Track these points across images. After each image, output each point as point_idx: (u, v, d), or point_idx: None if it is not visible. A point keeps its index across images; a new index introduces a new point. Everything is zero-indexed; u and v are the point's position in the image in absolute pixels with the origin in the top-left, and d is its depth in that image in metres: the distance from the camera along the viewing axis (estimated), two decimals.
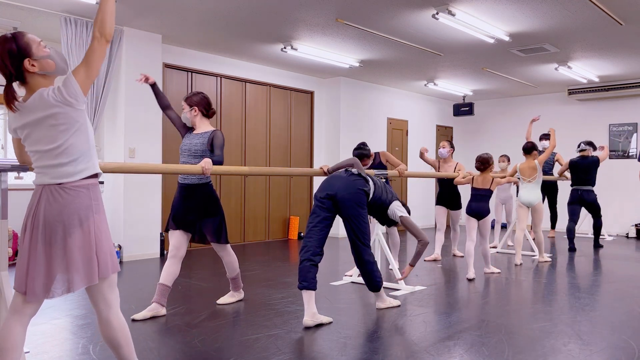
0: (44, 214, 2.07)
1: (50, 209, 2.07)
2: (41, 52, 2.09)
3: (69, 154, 2.10)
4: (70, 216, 2.08)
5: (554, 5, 5.23)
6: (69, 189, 2.10)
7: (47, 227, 2.07)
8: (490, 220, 5.48)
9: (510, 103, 11.04)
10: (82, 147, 2.13)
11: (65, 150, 2.09)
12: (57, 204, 2.07)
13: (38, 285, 2.06)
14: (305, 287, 3.56)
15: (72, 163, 2.11)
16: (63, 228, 2.07)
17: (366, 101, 9.40)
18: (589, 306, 4.12)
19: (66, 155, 2.10)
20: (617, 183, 9.63)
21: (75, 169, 2.12)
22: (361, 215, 3.68)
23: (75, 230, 2.09)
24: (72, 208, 2.09)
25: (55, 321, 3.61)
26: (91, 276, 2.12)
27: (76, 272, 2.09)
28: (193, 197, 3.77)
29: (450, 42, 6.61)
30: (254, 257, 6.56)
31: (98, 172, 2.21)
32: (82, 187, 2.13)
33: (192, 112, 3.81)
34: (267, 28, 6.07)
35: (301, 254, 3.65)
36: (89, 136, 2.16)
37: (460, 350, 3.03)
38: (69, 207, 2.08)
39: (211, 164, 3.44)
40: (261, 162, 8.13)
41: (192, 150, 3.77)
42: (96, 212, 2.15)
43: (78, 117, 2.10)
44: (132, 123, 6.19)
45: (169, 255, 3.78)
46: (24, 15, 5.51)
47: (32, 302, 2.11)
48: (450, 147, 6.38)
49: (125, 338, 2.23)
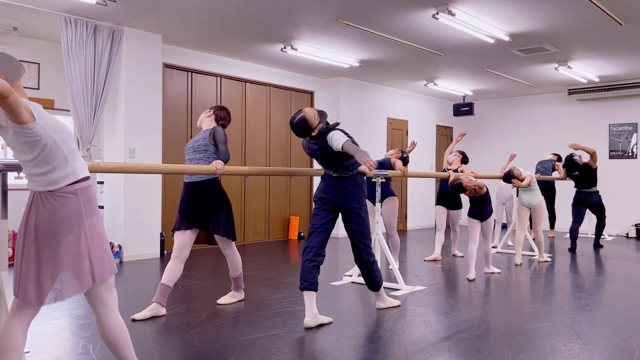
0: (36, 221, 2.07)
1: (41, 215, 2.06)
2: None
3: (46, 163, 2.07)
4: (59, 223, 2.06)
5: (554, 5, 5.23)
6: (57, 195, 2.08)
7: (38, 233, 2.06)
8: (492, 221, 5.48)
9: (510, 103, 11.03)
10: (58, 155, 2.08)
11: (41, 160, 2.06)
12: (47, 211, 2.06)
13: (31, 292, 2.06)
14: (307, 288, 3.56)
15: (53, 171, 2.08)
16: (53, 235, 2.06)
17: (366, 101, 9.40)
18: (589, 306, 4.12)
19: (44, 165, 2.07)
20: (617, 183, 9.63)
21: (57, 176, 2.09)
22: (361, 215, 3.68)
23: (65, 237, 2.07)
24: (62, 215, 2.07)
25: (55, 321, 3.61)
26: (82, 284, 2.09)
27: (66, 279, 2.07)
28: (203, 193, 3.80)
29: (450, 42, 6.61)
30: (254, 257, 6.56)
31: (86, 176, 2.18)
32: (71, 193, 2.11)
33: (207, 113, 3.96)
34: (267, 28, 6.07)
35: (303, 254, 3.65)
36: (60, 144, 2.10)
37: (460, 350, 3.03)
38: (58, 214, 2.07)
39: (223, 164, 3.52)
40: (261, 162, 8.13)
41: (195, 146, 3.84)
42: (88, 217, 2.12)
43: (34, 134, 2.02)
44: (132, 123, 6.19)
45: (173, 256, 3.77)
46: (24, 15, 5.51)
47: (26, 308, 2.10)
48: (458, 153, 6.53)
49: (124, 339, 2.22)
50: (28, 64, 6.28)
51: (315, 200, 3.74)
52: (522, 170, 6.12)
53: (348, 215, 3.67)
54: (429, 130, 10.96)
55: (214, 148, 3.80)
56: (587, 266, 6.03)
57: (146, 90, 6.30)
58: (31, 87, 6.30)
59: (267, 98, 8.23)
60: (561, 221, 9.86)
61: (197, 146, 3.81)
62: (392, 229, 5.54)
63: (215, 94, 7.48)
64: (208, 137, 3.80)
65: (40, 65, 6.36)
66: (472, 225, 5.45)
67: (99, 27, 5.82)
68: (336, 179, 3.66)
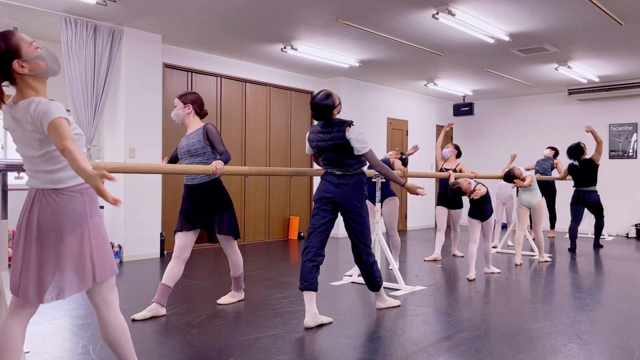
0: (38, 218, 2.04)
1: (44, 213, 2.03)
2: (32, 53, 2.01)
3: (55, 162, 2.05)
4: (63, 221, 2.04)
5: (554, 5, 5.23)
6: (62, 193, 2.06)
7: (41, 231, 2.04)
8: (493, 221, 5.48)
9: (510, 103, 11.04)
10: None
11: (50, 158, 2.04)
12: (50, 209, 2.03)
13: (31, 290, 2.04)
14: (307, 288, 3.56)
15: (61, 170, 2.06)
16: (56, 233, 2.03)
17: (366, 101, 9.40)
18: (589, 306, 4.12)
19: (52, 163, 2.05)
20: (617, 183, 9.63)
21: (64, 176, 2.07)
22: (361, 215, 3.68)
23: (68, 235, 2.05)
24: (66, 213, 2.04)
25: (55, 321, 3.61)
26: (83, 283, 2.08)
27: (67, 278, 2.05)
28: (206, 194, 3.77)
29: (450, 42, 6.61)
30: (254, 257, 6.56)
31: None
32: (76, 192, 2.09)
33: (185, 109, 3.79)
34: (267, 28, 6.07)
35: (303, 255, 3.65)
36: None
37: (460, 350, 3.03)
38: (62, 212, 2.04)
39: (222, 164, 3.51)
40: (261, 162, 8.13)
41: (191, 151, 3.76)
42: (92, 216, 2.11)
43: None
44: (132, 123, 6.19)
45: (174, 256, 3.76)
46: (24, 15, 5.51)
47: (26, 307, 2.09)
48: (453, 149, 6.47)
49: (125, 338, 2.22)
50: None
51: (315, 200, 3.73)
52: (522, 170, 6.12)
53: (349, 214, 3.66)
54: (429, 130, 10.96)
55: (211, 148, 3.77)
56: (587, 266, 6.03)
57: (146, 90, 6.30)
58: None
59: (267, 98, 8.23)
60: (561, 221, 9.86)
61: (193, 150, 3.74)
62: (393, 229, 5.54)
63: (215, 94, 7.48)
64: (202, 139, 3.73)
65: None
66: (472, 225, 5.44)
67: (99, 27, 5.82)
68: (339, 177, 3.64)
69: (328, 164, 3.69)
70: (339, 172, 3.64)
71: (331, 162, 3.66)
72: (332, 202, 3.66)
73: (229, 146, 7.65)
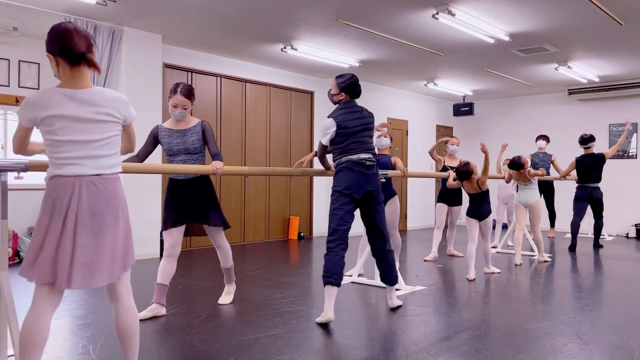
0: (89, 204, 2.07)
1: (96, 199, 2.08)
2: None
3: (113, 147, 2.18)
4: (116, 206, 2.14)
5: (554, 5, 5.23)
6: (110, 180, 2.15)
7: (95, 217, 2.07)
8: (491, 221, 5.47)
9: (510, 103, 11.04)
10: (120, 143, 2.26)
11: (110, 142, 2.16)
12: (102, 195, 2.10)
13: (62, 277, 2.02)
14: (334, 283, 3.57)
15: (114, 156, 2.19)
16: (112, 217, 2.11)
17: (366, 101, 9.40)
18: (589, 306, 4.12)
19: (110, 147, 2.16)
20: (617, 183, 9.63)
21: (115, 162, 2.19)
22: (383, 207, 3.85)
23: (119, 220, 2.15)
24: (118, 198, 2.15)
25: (55, 321, 3.61)
26: (127, 264, 2.19)
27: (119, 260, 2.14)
28: (197, 189, 3.77)
29: (450, 42, 6.61)
30: (254, 257, 6.56)
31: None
32: (118, 180, 2.20)
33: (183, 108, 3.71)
34: (267, 28, 6.07)
35: (332, 244, 3.60)
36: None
37: (460, 350, 3.03)
38: (115, 197, 2.14)
39: (222, 164, 3.52)
40: (261, 162, 8.13)
41: (190, 149, 3.70)
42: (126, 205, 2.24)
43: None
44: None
45: (166, 254, 3.74)
46: (24, 15, 5.51)
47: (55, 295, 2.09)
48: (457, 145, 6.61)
49: (137, 326, 2.29)
50: (28, 64, 6.28)
51: (341, 191, 3.65)
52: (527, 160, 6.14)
53: (377, 200, 3.77)
54: (429, 130, 10.96)
55: (204, 145, 3.78)
56: (587, 266, 6.03)
57: (146, 90, 6.30)
58: (31, 87, 6.30)
59: (267, 98, 8.23)
60: (561, 221, 9.86)
61: (192, 149, 3.70)
62: (394, 228, 5.53)
63: (215, 94, 7.48)
64: (201, 137, 3.71)
65: (40, 65, 6.36)
66: (470, 224, 5.44)
67: (99, 27, 5.83)
68: (369, 167, 3.72)
69: (357, 147, 3.68)
70: (369, 162, 3.70)
71: (361, 145, 3.70)
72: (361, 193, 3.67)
73: (229, 146, 7.66)
